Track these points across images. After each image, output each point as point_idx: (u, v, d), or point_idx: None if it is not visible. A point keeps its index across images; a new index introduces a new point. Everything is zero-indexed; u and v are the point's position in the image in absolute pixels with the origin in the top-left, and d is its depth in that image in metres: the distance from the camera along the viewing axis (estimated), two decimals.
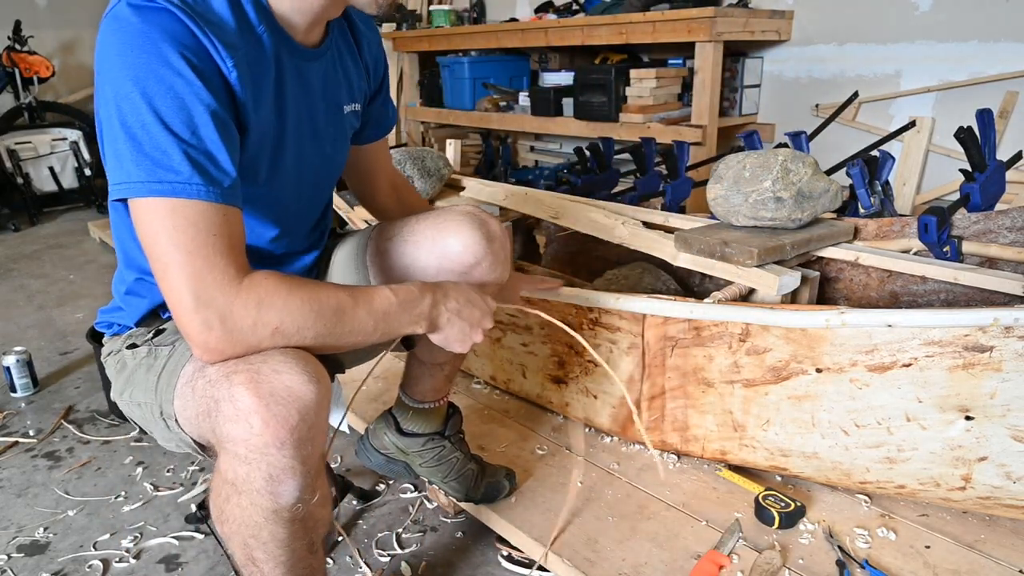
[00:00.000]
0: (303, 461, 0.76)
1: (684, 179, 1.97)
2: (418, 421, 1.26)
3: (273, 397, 0.73)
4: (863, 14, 2.68)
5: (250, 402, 0.72)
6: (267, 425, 0.72)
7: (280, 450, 0.74)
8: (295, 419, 0.73)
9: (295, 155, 0.95)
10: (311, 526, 0.84)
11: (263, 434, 0.73)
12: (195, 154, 0.74)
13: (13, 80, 4.12)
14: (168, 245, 0.73)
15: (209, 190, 0.74)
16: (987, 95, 2.46)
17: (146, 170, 0.72)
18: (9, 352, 1.98)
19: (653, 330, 1.28)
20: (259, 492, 0.76)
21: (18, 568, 1.31)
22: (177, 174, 0.72)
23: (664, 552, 1.15)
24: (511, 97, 3.66)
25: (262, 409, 0.72)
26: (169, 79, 0.73)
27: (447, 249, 1.03)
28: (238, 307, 0.74)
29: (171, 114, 0.73)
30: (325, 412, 0.78)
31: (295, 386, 0.74)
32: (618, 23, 2.86)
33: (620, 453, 1.44)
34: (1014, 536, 1.15)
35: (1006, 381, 0.98)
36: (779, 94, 3.02)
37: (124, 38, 0.73)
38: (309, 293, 0.78)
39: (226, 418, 0.74)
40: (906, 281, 1.47)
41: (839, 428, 1.14)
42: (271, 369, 0.74)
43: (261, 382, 0.73)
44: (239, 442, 0.74)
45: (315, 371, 0.76)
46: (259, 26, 0.84)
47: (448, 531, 1.38)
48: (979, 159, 1.53)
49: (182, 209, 0.73)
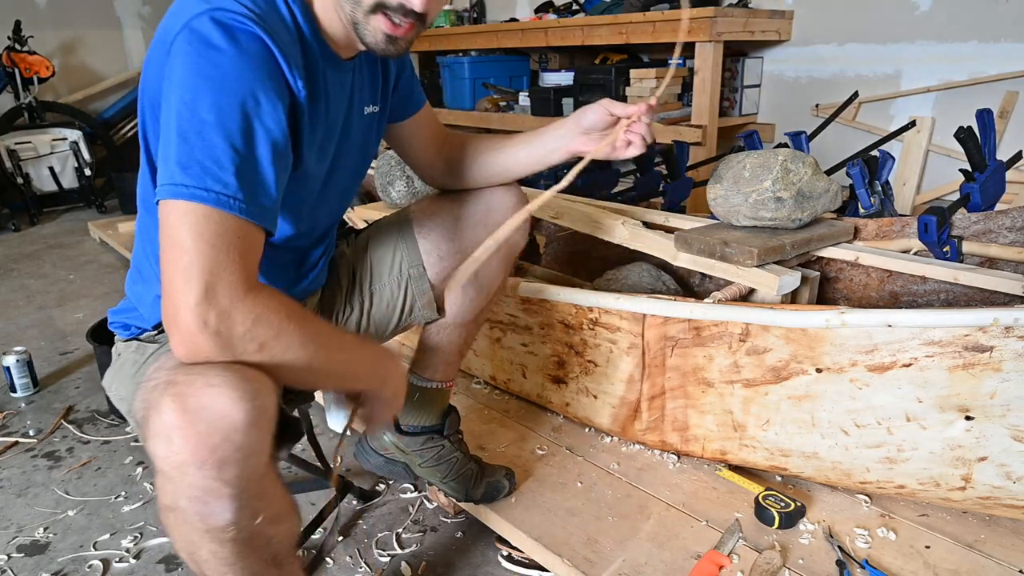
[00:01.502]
0: (228, 483, 0.71)
1: (684, 179, 1.97)
2: (419, 409, 1.26)
3: (197, 414, 0.69)
4: (863, 14, 2.68)
5: (172, 418, 0.69)
6: (187, 443, 0.69)
7: (200, 470, 0.70)
8: (217, 439, 0.69)
9: (329, 161, 0.98)
10: (262, 544, 0.80)
11: (182, 452, 0.69)
12: (247, 172, 0.74)
13: (13, 80, 4.11)
14: (191, 239, 0.72)
15: (250, 209, 0.74)
16: (987, 95, 2.46)
17: (194, 176, 0.72)
18: (9, 352, 1.98)
19: (653, 330, 1.28)
20: (186, 511, 0.73)
21: (18, 568, 1.31)
22: (225, 186, 0.72)
23: (664, 552, 1.15)
24: (511, 97, 3.66)
25: (185, 426, 0.69)
26: (243, 97, 0.74)
27: (492, 198, 1.18)
28: (238, 313, 0.72)
29: (234, 128, 0.73)
30: (259, 432, 0.72)
31: (223, 404, 0.70)
32: (618, 23, 2.86)
33: (620, 453, 1.44)
34: (1014, 536, 1.15)
35: (1006, 381, 0.98)
36: (779, 94, 3.02)
37: (210, 59, 0.74)
38: (304, 321, 0.77)
39: (152, 432, 0.71)
40: (906, 281, 1.47)
41: (839, 428, 1.14)
42: (204, 383, 0.70)
43: (189, 397, 0.69)
44: (161, 459, 0.71)
45: (253, 389, 0.72)
46: (313, 43, 0.87)
47: (448, 531, 1.38)
48: (979, 159, 1.53)
49: (217, 217, 0.72)
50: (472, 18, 4.02)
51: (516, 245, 1.22)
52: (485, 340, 1.65)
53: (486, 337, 1.64)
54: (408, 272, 1.20)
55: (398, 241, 1.20)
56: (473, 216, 1.18)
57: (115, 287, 2.92)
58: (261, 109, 0.75)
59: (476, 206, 1.18)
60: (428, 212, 1.21)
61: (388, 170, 1.86)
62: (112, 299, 2.75)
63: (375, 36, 0.87)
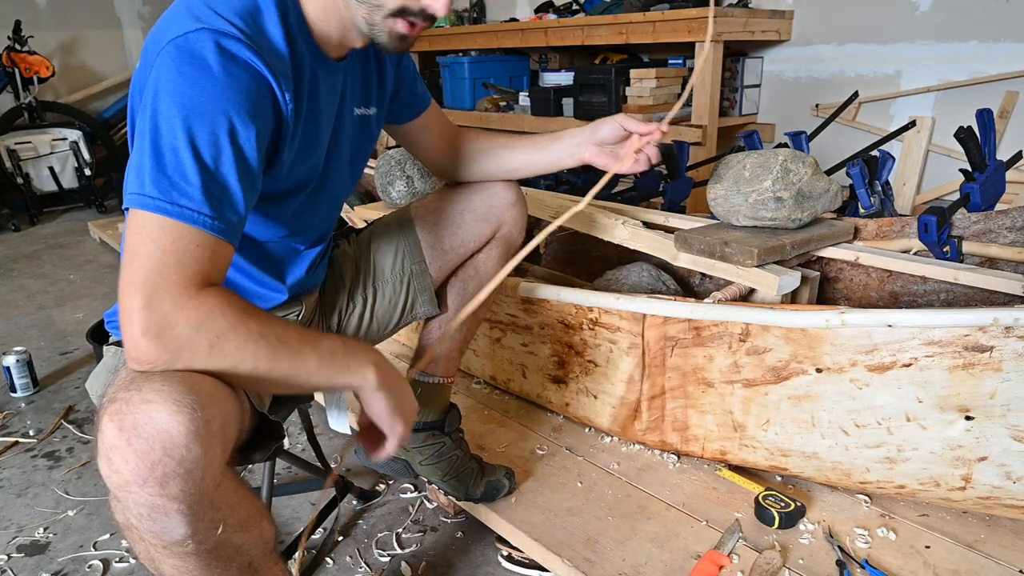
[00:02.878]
0: (175, 498, 0.70)
1: (684, 179, 1.97)
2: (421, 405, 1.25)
3: (135, 431, 0.67)
4: (863, 14, 2.68)
5: (112, 437, 0.68)
6: (126, 462, 0.67)
7: (143, 488, 0.68)
8: (157, 454, 0.67)
9: (322, 163, 0.98)
10: (231, 553, 0.79)
11: (122, 471, 0.68)
12: (214, 188, 0.75)
13: (13, 80, 4.12)
14: (146, 247, 0.72)
15: (213, 224, 0.74)
16: (987, 95, 2.46)
17: (161, 189, 0.73)
18: (9, 352, 1.98)
19: (653, 330, 1.28)
20: (139, 529, 0.72)
21: (18, 568, 1.31)
22: (190, 200, 0.73)
23: (664, 552, 1.15)
24: (511, 97, 3.66)
25: (122, 445, 0.67)
26: (216, 119, 0.75)
27: (494, 192, 1.20)
28: (182, 317, 0.71)
29: (204, 146, 0.74)
30: (204, 443, 0.70)
31: (160, 418, 0.68)
32: (618, 23, 2.86)
33: (620, 453, 1.44)
34: (1014, 536, 1.15)
35: (1006, 381, 0.98)
36: (779, 94, 3.02)
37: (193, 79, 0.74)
38: (258, 320, 0.76)
39: (97, 452, 0.70)
40: (906, 281, 1.47)
41: (839, 428, 1.14)
42: (142, 398, 0.69)
43: (127, 413, 0.68)
44: (106, 478, 0.70)
45: (193, 401, 0.69)
46: (302, 47, 0.87)
47: (448, 531, 1.38)
48: (979, 159, 1.53)
49: (176, 228, 0.73)
50: (472, 18, 4.02)
51: (514, 242, 1.24)
52: (485, 340, 1.65)
53: (486, 337, 1.64)
54: (410, 269, 1.21)
55: (400, 238, 1.22)
56: (475, 211, 1.20)
57: (115, 287, 2.91)
58: (237, 133, 0.76)
59: (477, 201, 1.20)
60: (429, 208, 1.23)
61: (388, 170, 1.86)
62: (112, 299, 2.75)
63: (391, 36, 0.88)
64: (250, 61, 0.77)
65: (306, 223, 1.04)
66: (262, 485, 1.18)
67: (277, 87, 0.81)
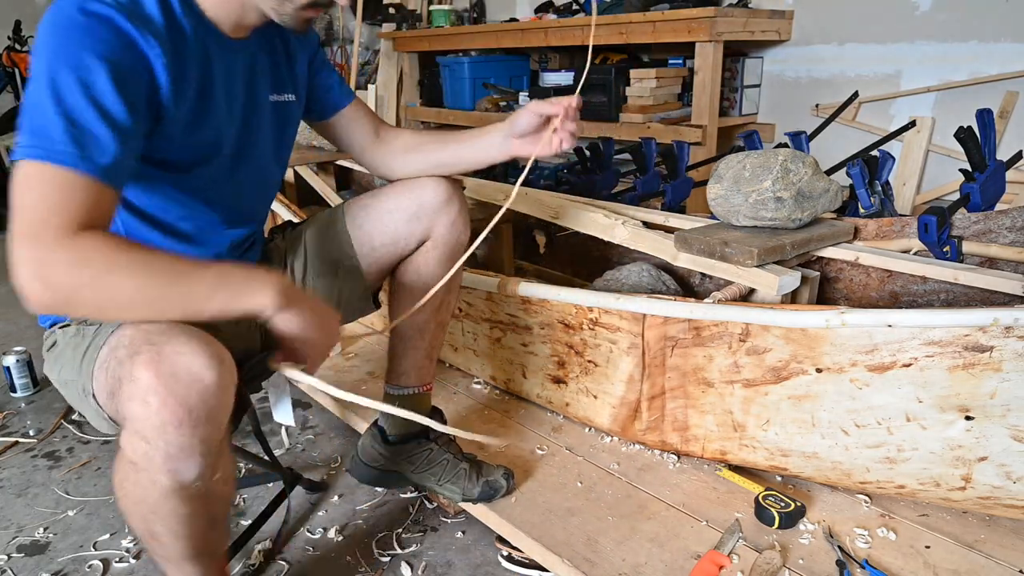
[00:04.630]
0: (202, 440, 0.78)
1: (684, 179, 1.97)
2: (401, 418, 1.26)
3: (173, 377, 0.75)
4: (863, 14, 2.68)
5: (149, 381, 0.74)
6: (165, 404, 0.74)
7: (178, 429, 0.76)
8: (194, 399, 0.75)
9: (223, 140, 1.01)
10: (212, 502, 0.87)
11: (161, 412, 0.75)
12: (75, 130, 0.77)
13: (13, 80, 4.12)
14: (24, 193, 0.76)
15: (80, 163, 0.77)
16: (987, 95, 2.46)
17: (31, 137, 0.77)
18: (9, 352, 1.98)
19: (653, 330, 1.28)
20: (158, 470, 0.79)
21: (18, 568, 1.31)
22: (52, 142, 0.76)
23: (664, 552, 1.15)
24: (511, 97, 3.66)
25: (161, 389, 0.74)
26: (78, 66, 0.79)
27: (423, 191, 1.19)
28: (60, 255, 0.74)
29: (67, 94, 0.78)
30: (226, 394, 0.79)
31: (195, 367, 0.76)
32: (618, 23, 2.85)
33: (620, 453, 1.44)
34: (1014, 536, 1.15)
35: (1006, 381, 0.98)
36: (779, 94, 3.02)
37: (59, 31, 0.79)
38: (142, 251, 0.79)
39: (127, 396, 0.76)
40: (906, 281, 1.47)
41: (839, 428, 1.14)
42: (173, 350, 0.76)
43: (162, 362, 0.75)
44: (138, 420, 0.76)
45: (217, 353, 0.78)
46: (184, 19, 0.91)
47: (448, 531, 1.38)
48: (979, 159, 1.53)
49: (48, 172, 0.76)
50: (472, 18, 4.02)
51: (456, 243, 1.22)
52: (485, 340, 1.65)
53: (486, 337, 1.64)
54: (341, 264, 1.22)
55: (331, 234, 1.23)
56: (404, 210, 1.20)
57: None
58: (93, 78, 0.79)
59: (406, 201, 1.20)
60: (361, 204, 1.23)
61: None
62: None
63: (299, 22, 0.96)
64: (111, 17, 0.81)
65: (220, 199, 1.06)
66: None
67: (145, 44, 0.84)
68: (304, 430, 1.76)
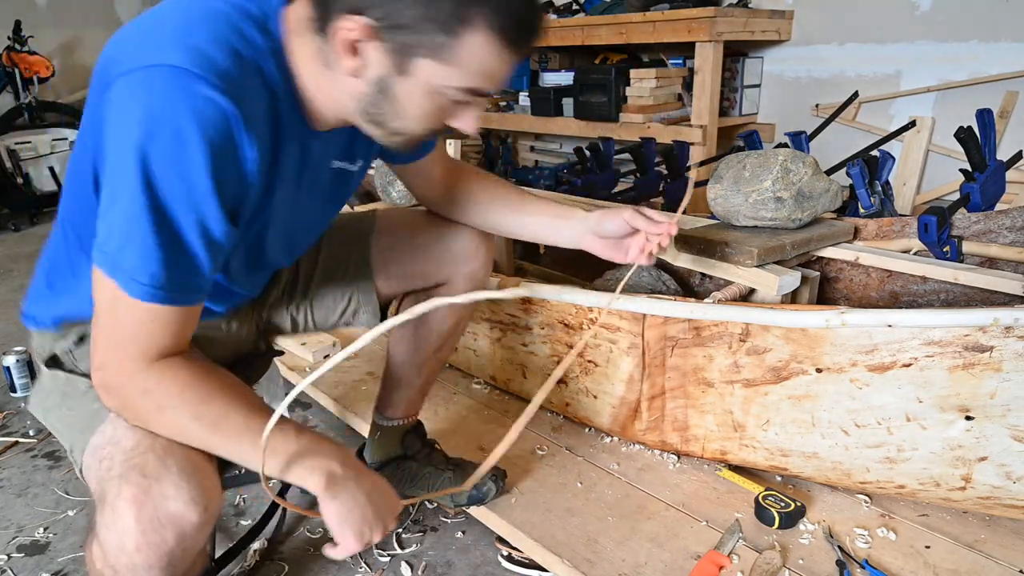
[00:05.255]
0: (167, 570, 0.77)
1: (684, 179, 1.97)
2: (383, 445, 1.30)
3: (152, 524, 0.74)
4: (863, 14, 2.68)
5: (129, 523, 0.74)
6: (139, 551, 0.74)
7: (148, 572, 0.75)
8: (171, 544, 0.75)
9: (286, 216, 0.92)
10: None
11: (134, 556, 0.74)
12: (177, 262, 0.73)
13: (13, 80, 4.11)
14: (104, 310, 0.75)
15: (172, 296, 0.74)
16: (987, 95, 2.46)
17: (126, 259, 0.71)
18: (9, 352, 1.98)
19: (653, 330, 1.28)
20: None
21: (18, 568, 1.31)
22: (152, 277, 0.72)
23: (664, 552, 1.15)
24: (511, 97, 3.66)
25: (138, 535, 0.74)
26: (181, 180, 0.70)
27: (455, 241, 1.15)
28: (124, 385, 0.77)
29: (172, 221, 0.71)
30: (205, 531, 0.79)
31: (179, 512, 0.75)
32: (618, 23, 2.86)
33: (620, 453, 1.44)
34: (1014, 536, 1.15)
35: (1006, 381, 0.98)
36: (779, 94, 3.02)
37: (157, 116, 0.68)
38: (201, 399, 0.78)
39: (105, 523, 0.76)
40: (906, 281, 1.47)
41: (839, 428, 1.14)
42: (160, 492, 0.75)
43: (146, 504, 0.74)
44: (111, 552, 0.76)
45: (207, 492, 0.78)
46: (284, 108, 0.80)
47: (448, 531, 1.38)
48: (979, 159, 1.53)
49: (133, 305, 0.73)
50: None
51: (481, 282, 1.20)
52: (485, 340, 1.65)
53: (486, 337, 1.64)
54: (356, 281, 1.17)
55: (353, 247, 1.17)
56: (430, 251, 1.15)
57: None
58: (204, 206, 0.72)
59: (436, 242, 1.15)
60: (391, 227, 1.17)
61: (387, 170, 1.86)
62: None
63: (402, 147, 0.86)
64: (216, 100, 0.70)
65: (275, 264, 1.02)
66: None
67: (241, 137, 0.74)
68: None
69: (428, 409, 1.63)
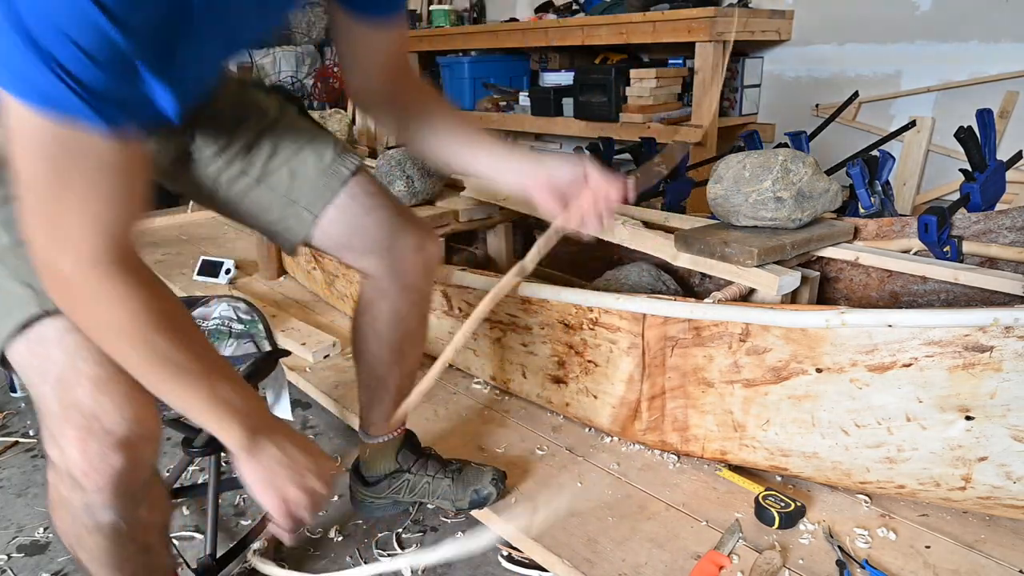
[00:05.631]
0: (122, 495, 0.78)
1: (684, 179, 1.97)
2: (376, 461, 1.30)
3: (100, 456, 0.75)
4: (863, 14, 2.68)
5: (75, 455, 0.75)
6: (87, 477, 0.75)
7: (98, 493, 0.77)
8: (118, 465, 0.76)
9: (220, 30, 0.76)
10: (140, 532, 0.86)
11: (82, 479, 0.76)
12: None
13: None
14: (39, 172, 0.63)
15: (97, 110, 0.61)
16: (987, 95, 2.46)
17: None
18: None
19: (653, 330, 1.28)
20: (78, 514, 0.80)
21: (18, 568, 1.31)
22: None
23: (664, 552, 1.15)
24: (511, 97, 3.66)
25: (85, 464, 0.75)
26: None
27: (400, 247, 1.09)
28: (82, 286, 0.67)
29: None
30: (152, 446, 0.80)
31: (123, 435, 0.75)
32: (618, 23, 2.86)
33: (620, 453, 1.44)
34: (1014, 536, 1.15)
35: (1006, 381, 0.98)
36: (779, 94, 3.02)
37: None
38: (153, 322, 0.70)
39: (51, 444, 0.76)
40: (906, 281, 1.47)
41: (839, 428, 1.14)
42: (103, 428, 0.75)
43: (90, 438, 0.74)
44: (61, 473, 0.77)
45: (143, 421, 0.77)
46: None
47: (448, 531, 1.38)
48: (979, 159, 1.53)
49: (71, 135, 0.61)
50: (472, 18, 4.02)
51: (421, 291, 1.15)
52: (485, 340, 1.65)
53: (486, 337, 1.64)
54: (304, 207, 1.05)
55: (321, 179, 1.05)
56: (377, 242, 1.07)
57: None
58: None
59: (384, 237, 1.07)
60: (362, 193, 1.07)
61: (388, 170, 1.86)
62: None
63: None
64: None
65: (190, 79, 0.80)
66: (209, 480, 1.22)
67: None
68: (304, 430, 1.76)
69: (428, 409, 1.63)
